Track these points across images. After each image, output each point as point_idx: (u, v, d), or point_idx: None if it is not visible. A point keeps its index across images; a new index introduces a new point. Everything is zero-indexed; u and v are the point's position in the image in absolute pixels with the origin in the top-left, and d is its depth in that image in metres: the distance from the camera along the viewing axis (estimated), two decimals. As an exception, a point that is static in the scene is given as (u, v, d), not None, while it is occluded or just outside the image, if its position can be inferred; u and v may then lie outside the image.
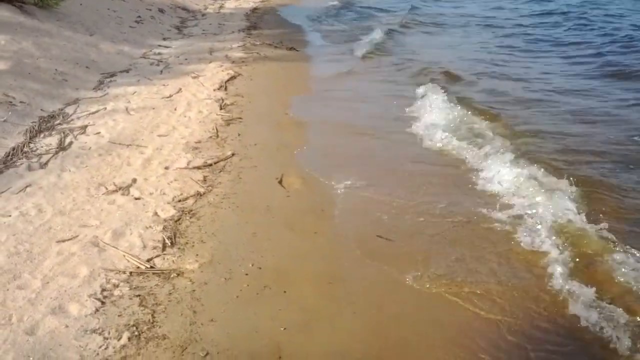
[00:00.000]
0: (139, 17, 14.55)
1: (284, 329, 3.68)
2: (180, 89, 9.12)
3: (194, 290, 4.01)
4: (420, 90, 8.94)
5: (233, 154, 6.44)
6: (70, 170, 5.83)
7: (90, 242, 4.53)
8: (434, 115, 7.67)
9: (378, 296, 4.07)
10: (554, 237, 4.59)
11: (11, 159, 5.93)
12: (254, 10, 20.49)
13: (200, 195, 5.44)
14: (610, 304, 3.82)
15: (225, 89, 9.26)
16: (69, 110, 7.65)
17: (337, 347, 3.57)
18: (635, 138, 6.73)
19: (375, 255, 4.54)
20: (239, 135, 7.11)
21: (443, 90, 8.66)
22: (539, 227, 4.75)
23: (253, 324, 3.71)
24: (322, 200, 5.45)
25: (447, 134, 6.95)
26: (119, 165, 6.03)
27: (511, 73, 10.45)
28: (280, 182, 5.79)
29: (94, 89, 8.80)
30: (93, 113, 7.61)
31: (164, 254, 4.44)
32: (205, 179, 5.80)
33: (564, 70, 10.81)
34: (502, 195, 5.43)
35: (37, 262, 4.24)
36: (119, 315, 3.72)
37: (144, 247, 4.52)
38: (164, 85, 9.32)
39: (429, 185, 5.69)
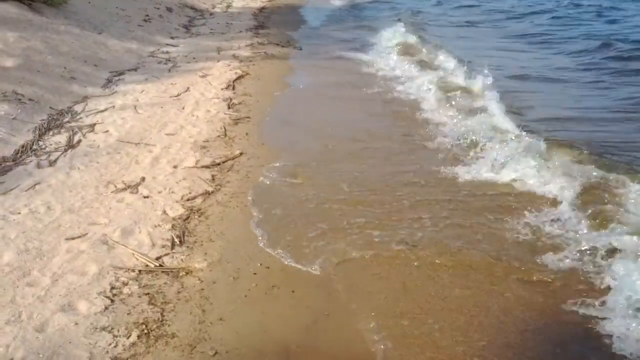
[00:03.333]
0: (147, 15, 14.58)
1: (292, 328, 3.68)
2: (188, 87, 9.13)
3: (202, 289, 4.02)
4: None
5: (241, 153, 6.44)
6: (79, 168, 5.85)
7: (99, 240, 4.54)
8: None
9: (386, 294, 4.06)
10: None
11: (20, 156, 5.95)
12: (262, 9, 20.49)
13: (209, 194, 5.45)
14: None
15: (233, 88, 9.27)
16: (78, 108, 7.68)
17: (345, 347, 3.57)
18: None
19: (383, 257, 4.54)
20: (247, 134, 7.12)
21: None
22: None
23: (261, 323, 3.72)
24: (330, 199, 5.44)
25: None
26: (128, 163, 6.05)
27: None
28: (284, 181, 5.78)
29: (102, 87, 8.82)
30: (101, 111, 7.63)
31: (173, 253, 4.45)
32: (213, 178, 5.80)
33: None
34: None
35: (46, 260, 4.25)
36: (128, 313, 3.73)
37: (153, 245, 4.53)
38: (172, 84, 9.34)
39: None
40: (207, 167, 6.06)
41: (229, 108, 8.15)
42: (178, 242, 4.58)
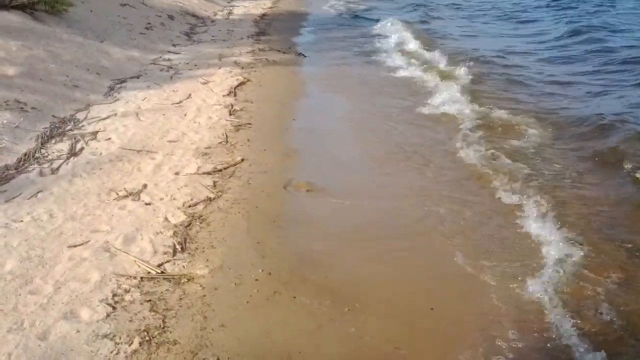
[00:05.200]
0: (149, 23, 14.62)
1: (295, 334, 3.68)
2: (190, 94, 9.15)
3: (204, 296, 4.02)
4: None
5: (243, 160, 6.46)
6: (81, 176, 5.86)
7: (101, 247, 4.55)
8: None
9: (385, 297, 4.07)
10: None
11: (23, 164, 5.97)
12: (263, 16, 20.54)
13: (210, 201, 5.46)
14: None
15: (235, 94, 9.29)
16: (80, 115, 7.70)
17: (346, 352, 3.56)
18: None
19: (387, 260, 4.55)
20: (248, 140, 7.13)
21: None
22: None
23: (263, 329, 3.72)
24: (329, 206, 5.46)
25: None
26: (130, 170, 6.06)
27: None
28: (285, 188, 5.79)
29: (104, 94, 8.85)
30: (104, 119, 7.65)
31: (175, 259, 4.45)
32: (215, 185, 5.81)
33: None
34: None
35: (48, 268, 4.26)
36: (130, 321, 3.74)
37: (155, 252, 4.54)
38: (173, 91, 9.36)
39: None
40: (208, 173, 6.07)
41: (230, 114, 8.17)
42: (180, 249, 4.59)
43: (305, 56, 13.14)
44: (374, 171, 6.38)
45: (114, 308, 3.85)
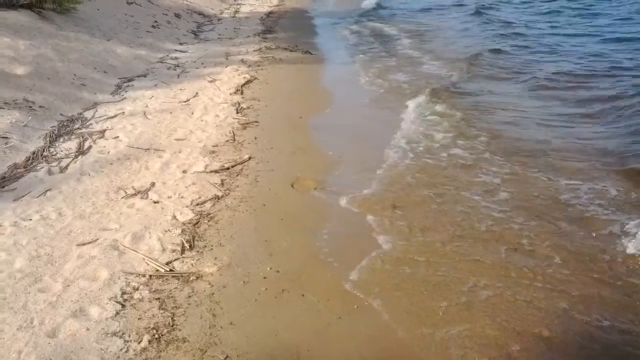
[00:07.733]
0: (156, 22, 14.66)
1: (303, 332, 3.68)
2: (197, 93, 9.17)
3: (213, 294, 4.03)
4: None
5: (250, 158, 6.46)
6: (89, 175, 5.88)
7: (110, 245, 4.56)
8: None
9: (393, 297, 4.05)
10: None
11: (31, 163, 5.99)
12: (269, 14, 20.56)
13: (218, 199, 5.46)
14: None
15: (242, 92, 9.30)
16: (88, 114, 7.73)
17: (355, 351, 3.56)
18: None
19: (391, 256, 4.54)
20: (255, 138, 7.13)
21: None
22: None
23: (272, 327, 3.72)
24: (337, 204, 5.45)
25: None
26: (138, 169, 6.07)
27: None
28: (293, 186, 5.79)
29: (112, 93, 8.88)
30: (111, 117, 7.67)
31: (183, 257, 4.46)
32: (222, 183, 5.82)
33: None
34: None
35: (57, 266, 4.27)
36: (139, 318, 3.74)
37: (163, 250, 4.54)
38: (180, 89, 9.39)
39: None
40: (216, 171, 6.07)
41: (237, 113, 8.17)
42: (188, 247, 4.60)
43: (312, 54, 13.13)
44: (382, 169, 6.35)
45: (123, 306, 3.86)
